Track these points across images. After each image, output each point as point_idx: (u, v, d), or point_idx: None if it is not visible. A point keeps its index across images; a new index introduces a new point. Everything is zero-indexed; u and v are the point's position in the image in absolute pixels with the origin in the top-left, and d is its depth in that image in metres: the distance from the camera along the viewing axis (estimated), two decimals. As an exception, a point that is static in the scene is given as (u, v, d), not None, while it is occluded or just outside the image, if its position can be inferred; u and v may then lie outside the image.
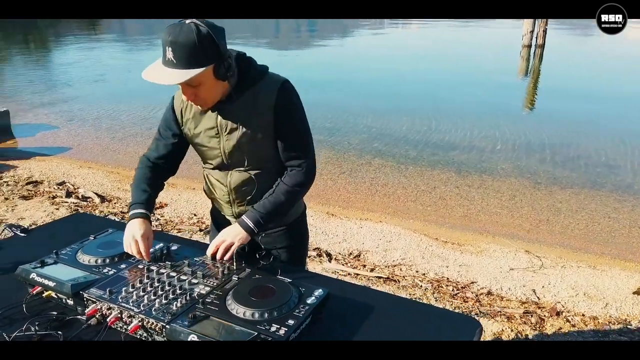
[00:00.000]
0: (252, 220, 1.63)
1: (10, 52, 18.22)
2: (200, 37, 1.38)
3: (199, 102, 1.53)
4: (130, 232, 1.58)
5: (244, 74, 1.56)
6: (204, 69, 1.41)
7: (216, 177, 1.75)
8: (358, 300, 1.51)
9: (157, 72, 1.43)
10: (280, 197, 1.64)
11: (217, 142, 1.65)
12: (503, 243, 4.02)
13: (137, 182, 1.76)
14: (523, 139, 6.81)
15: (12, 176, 5.18)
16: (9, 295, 1.51)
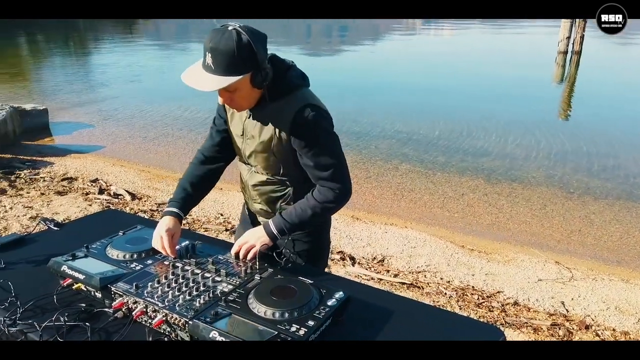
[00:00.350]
0: (277, 227, 1.65)
1: (51, 53, 18.91)
2: (239, 46, 1.39)
3: (234, 105, 1.56)
4: (159, 228, 1.63)
5: (276, 84, 1.54)
6: (241, 77, 1.42)
7: (242, 172, 1.80)
8: (380, 305, 1.51)
9: (196, 76, 1.45)
10: (307, 211, 1.63)
11: (241, 143, 1.70)
12: (532, 253, 3.93)
13: (183, 179, 1.79)
14: (556, 147, 6.64)
15: (49, 172, 5.37)
16: (41, 286, 1.56)
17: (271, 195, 1.73)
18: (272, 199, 1.74)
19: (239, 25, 1.44)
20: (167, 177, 5.47)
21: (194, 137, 7.16)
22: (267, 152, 1.63)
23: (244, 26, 1.44)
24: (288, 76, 1.57)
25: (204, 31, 8.74)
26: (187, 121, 8.02)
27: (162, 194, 4.88)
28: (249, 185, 1.76)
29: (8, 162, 5.59)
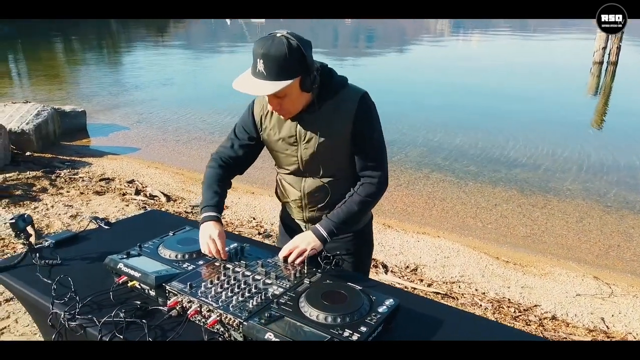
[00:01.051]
0: (326, 229, 1.67)
1: (86, 55, 19.49)
2: (290, 50, 1.43)
3: (283, 112, 1.59)
4: (206, 233, 1.65)
5: (325, 85, 1.60)
6: (292, 81, 1.46)
7: (290, 182, 1.80)
8: (426, 313, 1.51)
9: (248, 83, 1.49)
10: (353, 207, 1.68)
11: (295, 150, 1.70)
12: (569, 267, 3.85)
13: (208, 183, 1.80)
14: (592, 159, 6.48)
15: (87, 172, 5.53)
16: (95, 283, 1.61)
17: (333, 198, 1.74)
18: (331, 201, 1.74)
19: (286, 31, 1.48)
20: (200, 180, 5.53)
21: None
22: (328, 151, 1.65)
23: (290, 32, 1.48)
24: (334, 76, 1.64)
25: (232, 34, 8.89)
26: (219, 125, 8.14)
27: (196, 196, 4.97)
28: (304, 192, 1.76)
29: (49, 161, 5.79)
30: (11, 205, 4.28)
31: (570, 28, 32.70)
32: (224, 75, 14.16)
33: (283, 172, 1.81)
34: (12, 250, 3.49)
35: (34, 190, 4.73)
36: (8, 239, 3.66)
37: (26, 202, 4.39)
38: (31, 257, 1.73)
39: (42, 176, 5.11)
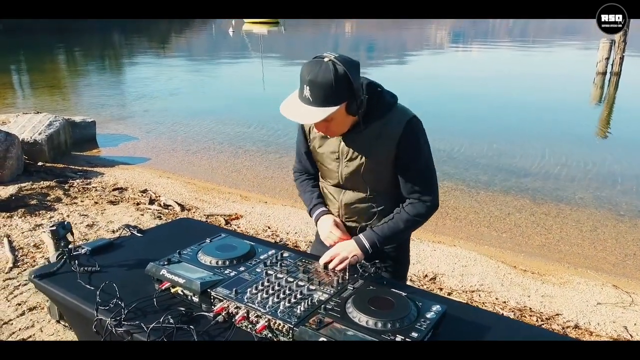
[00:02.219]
0: (369, 241, 1.69)
1: (90, 67, 19.60)
2: (337, 78, 1.44)
3: (329, 133, 1.62)
4: (326, 226, 1.74)
5: (372, 106, 1.60)
6: (338, 107, 1.47)
7: (331, 192, 1.84)
8: (469, 320, 1.51)
9: (295, 109, 1.50)
10: (400, 224, 1.69)
11: (337, 166, 1.72)
12: (587, 275, 3.84)
13: (303, 190, 1.91)
14: (600, 168, 6.50)
15: (100, 182, 5.54)
16: (136, 289, 1.61)
17: (368, 212, 1.76)
18: (369, 215, 1.76)
19: (334, 55, 1.48)
20: (212, 190, 5.57)
21: (234, 151, 7.29)
22: (371, 171, 1.67)
23: (339, 56, 1.48)
24: (383, 96, 1.64)
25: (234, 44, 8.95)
26: (227, 136, 8.18)
27: (210, 205, 4.97)
28: (342, 203, 1.79)
29: (61, 171, 5.80)
30: (27, 215, 4.28)
31: (569, 39, 32.94)
32: (228, 87, 14.25)
33: (325, 183, 1.85)
34: (31, 260, 3.49)
35: (49, 200, 4.74)
36: (27, 248, 3.66)
37: (42, 212, 4.40)
38: (70, 264, 1.74)
39: (55, 186, 5.12)
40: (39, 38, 34.07)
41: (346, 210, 1.79)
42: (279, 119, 9.57)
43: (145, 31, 46.41)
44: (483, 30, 50.07)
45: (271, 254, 1.73)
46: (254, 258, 1.72)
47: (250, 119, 9.34)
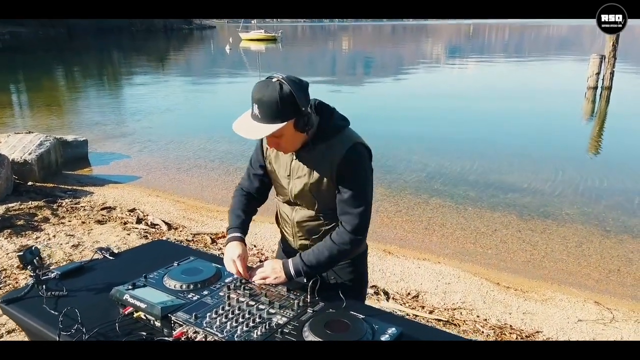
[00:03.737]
0: (294, 268, 1.74)
1: (87, 86, 19.75)
2: (282, 96, 1.52)
3: (281, 149, 1.69)
4: (230, 253, 1.76)
5: (322, 128, 1.67)
6: (285, 124, 1.55)
7: (284, 210, 1.90)
8: (430, 340, 1.52)
9: (246, 125, 1.59)
10: (325, 252, 1.73)
11: (287, 183, 1.79)
12: (570, 292, 3.85)
13: (233, 209, 1.92)
14: (589, 183, 6.54)
15: (89, 201, 5.56)
16: (101, 314, 1.63)
17: (319, 229, 1.81)
18: (319, 233, 1.82)
19: (282, 76, 1.56)
20: (201, 208, 5.60)
21: (225, 169, 7.34)
22: (316, 190, 1.72)
23: (286, 77, 1.56)
24: (334, 119, 1.71)
25: (231, 62, 9.05)
26: (219, 153, 8.22)
27: (197, 224, 5.00)
28: (294, 222, 1.84)
29: (50, 191, 5.83)
30: (13, 236, 4.30)
31: (563, 54, 33.32)
32: (224, 104, 14.35)
33: (279, 200, 1.91)
34: (13, 281, 3.50)
35: (36, 220, 4.76)
36: (10, 270, 3.67)
37: (28, 232, 4.41)
38: (37, 289, 1.76)
39: (44, 206, 5.14)
40: (38, 57, 34.37)
41: (299, 228, 1.85)
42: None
43: (143, 49, 46.83)
44: (479, 45, 50.59)
45: (236, 277, 1.75)
46: (219, 281, 1.74)
47: (241, 138, 9.38)
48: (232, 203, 1.96)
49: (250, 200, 1.95)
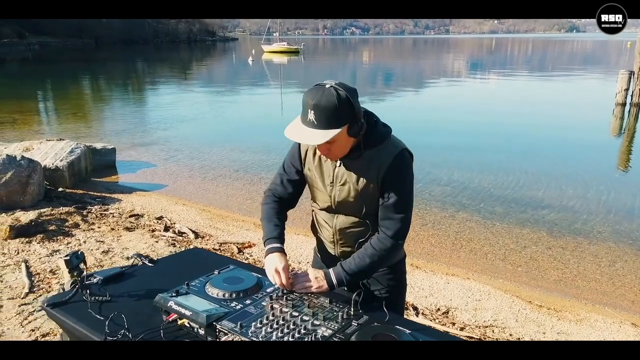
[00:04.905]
0: (337, 278, 1.73)
1: (113, 94, 20.20)
2: (340, 101, 1.52)
3: (331, 156, 1.68)
4: (272, 264, 1.73)
5: (368, 134, 1.67)
6: (341, 129, 1.55)
7: (323, 218, 1.87)
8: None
9: (300, 131, 1.58)
10: (366, 260, 1.72)
11: (330, 190, 1.77)
12: (605, 313, 3.74)
13: (267, 217, 1.88)
14: (620, 200, 6.38)
15: (117, 208, 5.64)
16: (144, 320, 1.64)
17: (364, 235, 1.79)
18: (362, 238, 1.80)
19: (334, 82, 1.58)
20: (227, 217, 5.63)
21: (250, 179, 7.38)
22: (363, 196, 1.71)
23: (338, 83, 1.58)
24: (378, 126, 1.71)
25: (253, 73, 9.12)
26: (243, 163, 8.29)
27: (224, 233, 5.02)
28: (336, 229, 1.83)
29: (80, 197, 5.94)
30: (45, 241, 4.38)
31: (588, 70, 32.86)
32: (247, 115, 14.51)
33: (317, 207, 1.89)
34: (47, 285, 3.55)
35: (67, 225, 4.84)
36: (43, 274, 3.73)
37: (60, 238, 4.49)
38: (82, 294, 1.78)
39: (74, 212, 5.23)
40: (65, 67, 35.34)
41: (341, 236, 1.83)
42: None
43: (167, 60, 47.78)
44: (501, 59, 50.27)
45: (277, 287, 1.74)
46: (260, 291, 1.73)
47: (267, 146, 9.49)
48: (264, 210, 1.92)
49: (283, 207, 1.93)
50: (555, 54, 64.87)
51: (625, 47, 58.48)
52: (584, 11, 1.91)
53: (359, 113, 1.60)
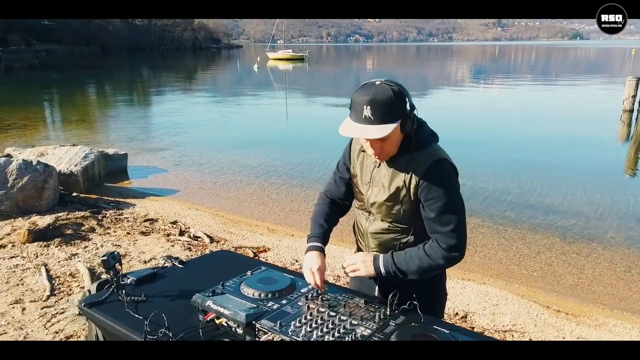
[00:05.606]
0: (384, 266, 1.71)
1: (119, 101, 20.32)
2: (395, 94, 1.53)
3: (383, 154, 1.65)
4: (309, 264, 1.76)
5: (411, 138, 1.64)
6: (397, 123, 1.54)
7: (360, 220, 1.88)
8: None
9: (356, 129, 1.56)
10: (416, 261, 1.69)
11: (366, 190, 1.77)
12: (624, 318, 3.73)
13: (315, 217, 1.91)
14: (631, 206, 6.37)
15: (131, 213, 5.67)
16: (181, 319, 1.66)
17: (391, 244, 1.77)
18: (391, 246, 1.78)
19: (383, 79, 1.58)
20: (240, 222, 5.65)
21: (260, 184, 7.41)
22: (393, 201, 1.69)
23: (387, 80, 1.58)
24: (422, 132, 1.68)
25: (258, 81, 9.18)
26: (252, 169, 8.32)
27: (238, 237, 5.04)
28: (367, 232, 1.82)
29: (94, 202, 5.97)
30: (63, 244, 4.41)
31: (593, 77, 32.83)
32: (255, 120, 14.57)
33: (357, 208, 1.89)
34: (67, 288, 3.58)
35: (83, 229, 4.87)
36: (63, 277, 3.76)
37: (77, 242, 4.52)
38: (117, 294, 1.80)
39: (89, 216, 5.27)
40: (73, 74, 35.61)
41: (371, 239, 1.81)
42: (303, 153, 9.71)
43: (172, 67, 48.06)
44: (504, 67, 50.30)
45: (311, 287, 1.76)
46: (295, 291, 1.75)
47: (275, 152, 9.53)
48: (315, 210, 1.93)
49: (335, 207, 1.93)
50: (559, 61, 64.88)
51: (630, 54, 58.39)
52: (584, 11, 1.91)
53: (412, 108, 1.60)
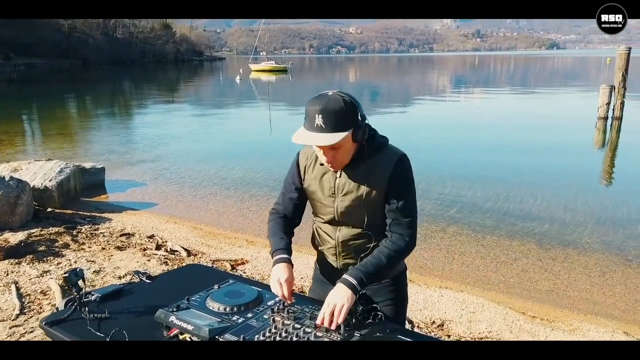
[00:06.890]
0: (356, 278, 1.67)
1: (100, 114, 20.10)
2: (346, 104, 1.60)
3: (336, 163, 1.70)
4: (277, 275, 1.74)
5: (367, 144, 1.72)
6: (348, 132, 1.60)
7: (325, 231, 1.88)
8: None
9: (308, 137, 1.61)
10: (382, 259, 1.72)
11: (332, 202, 1.80)
12: (597, 322, 3.78)
13: (273, 232, 1.91)
14: (606, 212, 6.50)
15: (107, 228, 5.59)
16: (145, 335, 1.63)
17: (364, 247, 1.81)
18: (363, 250, 1.81)
19: (335, 90, 1.65)
20: (219, 235, 5.61)
21: (240, 196, 7.38)
22: (366, 205, 1.74)
23: (339, 91, 1.65)
24: (377, 136, 1.77)
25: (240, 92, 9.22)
26: (233, 181, 8.29)
27: (216, 250, 5.00)
28: (338, 241, 1.84)
29: (70, 217, 5.87)
30: (35, 261, 4.32)
31: (569, 86, 33.58)
32: (236, 132, 14.54)
33: (319, 221, 1.90)
34: (37, 307, 3.50)
35: (57, 246, 4.78)
36: (34, 295, 3.67)
37: (50, 258, 4.43)
38: (80, 311, 1.76)
39: (64, 232, 5.17)
40: (52, 88, 35.16)
41: (343, 248, 1.84)
42: (285, 164, 9.74)
43: (154, 80, 47.80)
44: (484, 77, 51.18)
45: (278, 299, 1.75)
46: (261, 304, 1.74)
47: (257, 163, 9.51)
48: (270, 227, 1.94)
49: (288, 222, 1.95)
50: (537, 70, 66.27)
51: (604, 63, 59.95)
52: (584, 11, 1.93)
53: (363, 118, 1.66)
